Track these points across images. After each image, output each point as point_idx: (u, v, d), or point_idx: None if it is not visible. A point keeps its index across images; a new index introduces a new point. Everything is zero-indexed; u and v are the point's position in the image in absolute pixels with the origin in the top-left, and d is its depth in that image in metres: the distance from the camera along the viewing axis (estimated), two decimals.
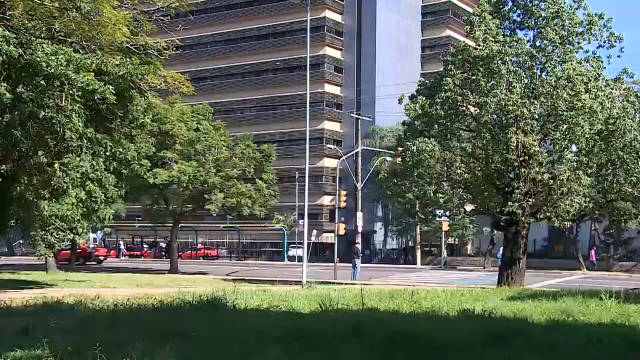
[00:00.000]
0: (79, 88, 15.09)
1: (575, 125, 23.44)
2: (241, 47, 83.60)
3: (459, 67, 26.01)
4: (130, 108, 18.85)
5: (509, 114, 24.30)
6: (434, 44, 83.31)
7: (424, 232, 63.68)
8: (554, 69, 24.59)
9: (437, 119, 26.03)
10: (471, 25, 26.11)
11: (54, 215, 16.87)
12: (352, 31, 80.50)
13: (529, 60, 24.93)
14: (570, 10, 25.10)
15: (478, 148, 26.06)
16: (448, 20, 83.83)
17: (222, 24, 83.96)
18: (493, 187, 26.31)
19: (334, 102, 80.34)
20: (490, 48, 24.62)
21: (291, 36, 78.02)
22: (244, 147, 44.77)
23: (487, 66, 24.90)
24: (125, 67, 16.39)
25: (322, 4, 76.90)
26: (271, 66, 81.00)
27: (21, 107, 14.97)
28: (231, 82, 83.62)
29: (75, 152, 16.15)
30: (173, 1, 20.41)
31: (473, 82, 25.53)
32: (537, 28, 25.56)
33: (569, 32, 24.85)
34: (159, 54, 21.25)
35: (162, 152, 40.74)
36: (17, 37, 14.59)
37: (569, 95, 23.54)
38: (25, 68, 14.71)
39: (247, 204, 43.45)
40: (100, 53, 16.43)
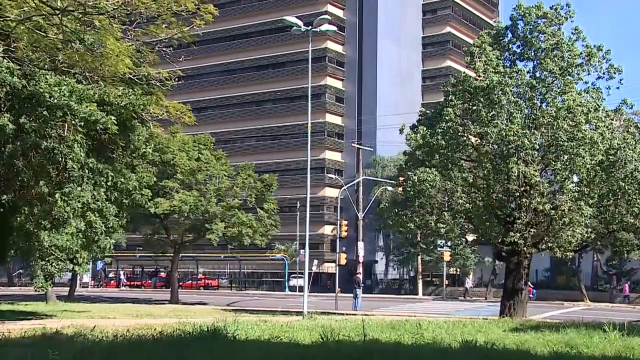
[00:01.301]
0: (82, 118, 15.16)
1: (576, 156, 23.48)
2: (242, 77, 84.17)
3: (459, 98, 26.14)
4: (132, 138, 18.91)
5: (510, 144, 24.34)
6: (434, 75, 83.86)
7: (426, 262, 63.42)
8: (554, 99, 24.72)
9: (438, 149, 26.07)
10: (471, 56, 26.30)
11: (54, 246, 16.83)
12: (353, 61, 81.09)
13: (529, 91, 25.06)
14: (569, 42, 25.30)
15: (479, 178, 26.07)
16: (448, 51, 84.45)
17: (224, 54, 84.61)
18: (494, 217, 26.26)
19: (335, 132, 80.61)
20: (491, 79, 24.77)
21: (292, 66, 78.57)
22: (245, 176, 44.83)
23: (487, 97, 25.02)
24: (128, 97, 16.49)
25: (324, 35, 77.60)
26: (272, 96, 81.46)
27: (24, 138, 15.04)
28: (232, 112, 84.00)
29: (77, 182, 16.17)
30: (175, 33, 20.58)
31: (474, 112, 25.64)
32: (536, 59, 25.74)
33: (568, 64, 25.03)
34: (161, 84, 21.40)
35: (164, 182, 40.79)
36: (21, 68, 14.71)
37: (570, 126, 23.62)
38: (29, 99, 14.81)
39: (248, 233, 43.37)
40: (103, 84, 16.54)
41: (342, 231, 43.69)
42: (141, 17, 17.44)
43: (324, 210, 77.21)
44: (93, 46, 14.00)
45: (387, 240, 72.49)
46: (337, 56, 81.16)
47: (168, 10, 17.78)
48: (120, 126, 16.85)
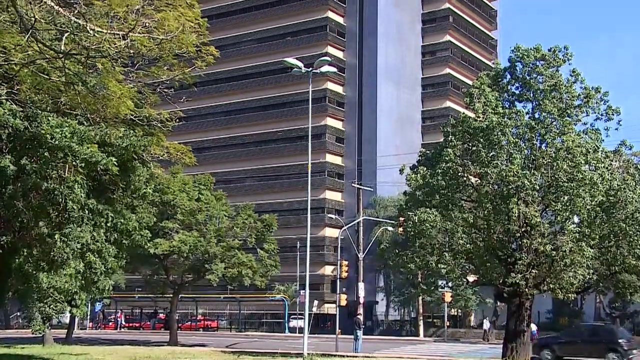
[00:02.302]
0: (82, 159, 15.21)
1: (576, 197, 23.48)
2: (243, 117, 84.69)
3: (459, 138, 26.25)
4: (132, 179, 18.93)
5: (509, 185, 24.36)
6: (434, 115, 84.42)
7: (427, 303, 62.92)
8: (553, 140, 24.83)
9: (438, 189, 26.10)
10: (471, 98, 26.51)
11: (53, 287, 16.73)
12: (353, 102, 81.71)
13: (528, 131, 25.19)
14: (567, 83, 25.53)
15: (480, 218, 26.03)
16: (448, 92, 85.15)
17: (225, 95, 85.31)
18: (495, 257, 26.14)
19: (336, 172, 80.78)
20: (490, 119, 24.91)
21: (292, 107, 79.14)
22: (245, 216, 44.79)
23: (487, 137, 25.14)
24: (129, 139, 16.57)
25: (324, 76, 78.33)
26: (273, 136, 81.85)
27: (24, 179, 15.07)
28: (233, 152, 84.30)
29: (77, 222, 16.14)
30: (177, 74, 20.78)
31: (473, 152, 25.73)
32: (535, 100, 25.93)
33: (567, 105, 25.22)
34: (162, 125, 21.52)
35: (164, 222, 40.72)
36: (23, 110, 14.83)
37: (569, 167, 23.68)
38: (30, 140, 14.89)
39: (248, 274, 43.16)
40: (105, 125, 16.64)
41: (342, 272, 43.45)
42: (143, 59, 17.64)
43: (324, 251, 76.92)
44: (95, 88, 14.12)
45: (388, 281, 72.05)
46: (337, 97, 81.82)
47: (170, 52, 17.99)
48: (121, 167, 16.89)
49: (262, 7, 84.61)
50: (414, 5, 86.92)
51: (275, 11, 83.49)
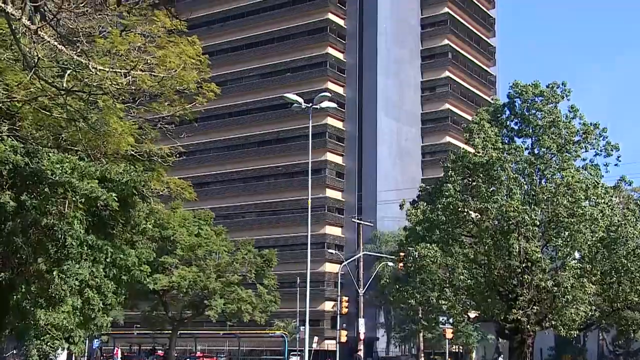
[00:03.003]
0: (82, 195, 15.21)
1: (577, 232, 23.46)
2: (243, 153, 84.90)
3: (459, 173, 26.33)
4: (132, 214, 18.89)
5: (510, 220, 24.36)
6: (434, 150, 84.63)
7: (428, 339, 62.34)
8: (553, 176, 24.91)
9: (438, 225, 26.09)
10: (470, 133, 26.65)
11: (50, 324, 16.59)
12: (353, 137, 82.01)
13: (528, 167, 25.27)
14: (566, 119, 25.72)
15: (480, 254, 25.96)
16: (447, 127, 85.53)
17: (225, 130, 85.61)
18: (496, 293, 26.00)
19: (336, 207, 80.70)
20: (490, 155, 25.01)
21: (293, 142, 79.34)
22: (245, 252, 44.63)
23: (487, 172, 25.22)
24: (129, 174, 16.59)
25: (324, 111, 78.79)
26: (273, 171, 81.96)
27: (24, 215, 15.06)
28: (233, 187, 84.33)
29: (75, 259, 16.07)
30: (178, 110, 20.90)
31: (473, 188, 25.78)
32: (534, 136, 26.08)
33: (566, 141, 25.35)
34: (162, 160, 21.57)
35: (163, 258, 40.54)
36: (24, 146, 14.88)
37: (569, 202, 23.71)
38: (31, 176, 14.91)
39: (247, 310, 42.84)
40: (105, 161, 16.68)
41: (342, 307, 43.16)
42: (144, 95, 17.76)
43: (324, 286, 76.46)
44: (96, 124, 14.20)
45: (389, 317, 71.49)
46: (337, 132, 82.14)
47: (171, 89, 18.11)
48: (121, 202, 16.88)
49: (263, 44, 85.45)
50: (413, 42, 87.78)
51: (276, 47, 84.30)
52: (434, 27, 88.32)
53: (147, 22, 18.20)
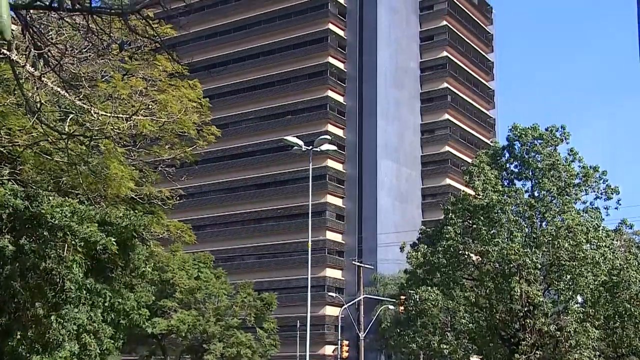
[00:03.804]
0: (82, 239, 15.16)
1: (579, 276, 23.34)
2: (243, 195, 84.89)
3: (459, 216, 26.33)
4: (131, 257, 18.80)
5: (511, 263, 24.26)
6: (434, 192, 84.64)
7: None
8: (553, 219, 24.89)
9: (439, 267, 25.97)
10: (470, 176, 26.71)
11: None
12: (353, 179, 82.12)
13: (528, 210, 25.28)
14: (565, 162, 25.82)
15: (481, 297, 25.78)
16: (447, 170, 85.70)
17: (225, 173, 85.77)
18: (498, 338, 25.74)
19: (336, 250, 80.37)
20: (490, 197, 25.04)
21: (293, 184, 79.42)
22: (245, 295, 44.31)
23: (487, 215, 25.21)
24: (129, 218, 16.57)
25: (324, 154, 79.10)
26: (273, 214, 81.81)
27: (23, 259, 14.99)
28: (233, 230, 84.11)
29: (74, 303, 15.94)
30: (178, 153, 20.98)
31: (474, 230, 25.75)
32: (534, 179, 26.14)
33: (566, 184, 25.40)
34: (162, 203, 21.57)
35: (162, 301, 40.23)
36: (25, 190, 14.89)
37: (570, 245, 23.64)
38: (30, 220, 14.89)
39: (247, 354, 42.33)
40: (105, 204, 16.68)
41: (343, 352, 42.66)
42: (145, 138, 17.85)
43: (324, 330, 75.65)
44: (97, 168, 14.24)
45: None
46: (337, 174, 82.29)
47: (172, 132, 18.21)
48: (121, 246, 16.82)
49: (264, 87, 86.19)
50: (412, 85, 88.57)
51: (276, 90, 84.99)
52: (433, 70, 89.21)
53: (148, 66, 18.41)
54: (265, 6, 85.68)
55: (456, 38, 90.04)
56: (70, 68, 12.63)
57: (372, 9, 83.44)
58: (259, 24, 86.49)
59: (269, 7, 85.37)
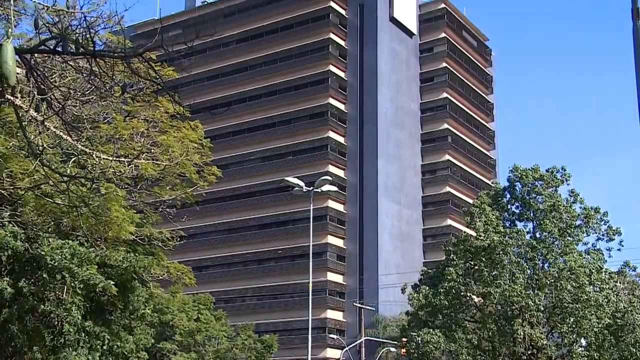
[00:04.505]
0: (81, 281, 15.08)
1: (582, 319, 23.11)
2: (244, 236, 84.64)
3: (461, 257, 26.22)
4: (131, 299, 18.67)
5: (513, 305, 24.06)
6: (435, 233, 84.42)
7: None
8: (555, 260, 24.77)
9: (441, 309, 25.75)
10: (471, 217, 26.68)
11: None
12: (354, 220, 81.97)
13: (530, 251, 25.18)
14: (567, 204, 25.81)
15: (484, 340, 25.50)
16: (448, 211, 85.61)
17: (226, 213, 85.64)
18: None
19: (337, 291, 79.80)
20: (492, 239, 24.97)
21: (294, 225, 79.26)
22: (245, 337, 43.86)
23: (489, 256, 25.11)
24: (129, 260, 16.50)
25: (325, 195, 79.15)
26: (274, 255, 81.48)
27: (21, 302, 14.88)
28: (234, 271, 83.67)
29: (72, 346, 15.77)
30: (179, 194, 20.99)
31: (476, 272, 25.62)
32: (536, 220, 26.10)
33: (567, 225, 25.35)
34: (163, 244, 21.51)
35: (161, 344, 39.77)
36: (25, 232, 14.86)
37: (573, 287, 23.48)
38: (29, 262, 14.82)
39: None
40: (105, 246, 16.62)
41: None
42: (146, 180, 17.88)
43: None
44: (98, 210, 14.22)
45: None
46: (338, 215, 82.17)
47: (173, 174, 18.26)
48: (120, 287, 16.72)
49: (265, 127, 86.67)
50: (413, 125, 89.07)
51: (277, 131, 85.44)
52: (433, 111, 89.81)
53: (150, 107, 18.55)
54: (266, 48, 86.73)
55: (456, 80, 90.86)
56: (72, 110, 12.73)
57: (372, 51, 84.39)
58: (261, 65, 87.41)
59: (271, 49, 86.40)
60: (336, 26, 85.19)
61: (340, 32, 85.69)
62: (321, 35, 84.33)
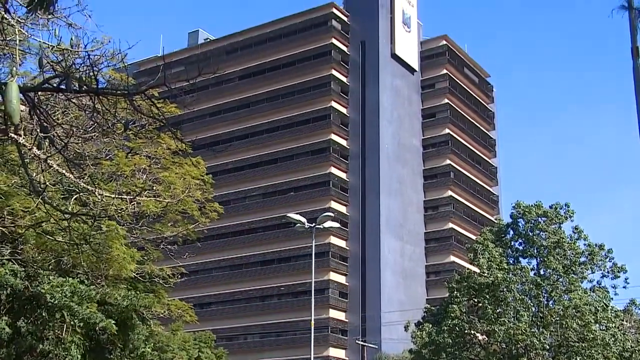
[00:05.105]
0: (81, 319, 14.90)
1: (589, 358, 22.80)
2: (245, 272, 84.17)
3: (464, 294, 25.99)
4: (131, 337, 18.44)
5: (518, 344, 23.76)
6: (438, 270, 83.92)
7: None
8: (560, 298, 24.53)
9: (444, 347, 25.43)
10: (475, 253, 26.52)
11: None
12: (356, 257, 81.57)
13: (534, 288, 24.95)
14: (571, 240, 25.67)
15: None
16: (451, 247, 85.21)
17: (227, 250, 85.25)
18: None
19: (339, 328, 79.03)
20: (495, 275, 24.77)
21: (296, 262, 78.92)
22: None
23: (493, 293, 24.88)
24: (129, 298, 16.34)
25: (327, 231, 78.89)
26: (276, 291, 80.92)
27: (19, 341, 14.67)
28: (235, 308, 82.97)
29: None
30: (181, 231, 20.90)
31: (479, 309, 25.36)
32: (539, 257, 25.93)
33: (571, 262, 25.17)
34: (164, 282, 21.35)
35: None
36: (25, 270, 14.74)
37: (579, 326, 23.19)
38: (29, 300, 14.67)
39: None
40: (106, 283, 16.48)
41: None
42: (147, 217, 17.80)
43: None
44: (99, 248, 14.13)
45: None
46: (340, 251, 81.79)
47: (174, 211, 18.19)
48: (120, 325, 16.52)
49: (267, 164, 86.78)
50: (415, 161, 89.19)
51: (279, 167, 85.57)
52: (435, 147, 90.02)
53: (152, 144, 18.55)
54: (268, 85, 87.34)
55: (458, 116, 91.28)
56: (75, 147, 12.71)
57: (374, 88, 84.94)
58: (263, 102, 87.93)
59: (273, 85, 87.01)
60: (338, 63, 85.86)
61: (342, 68, 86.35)
62: (323, 71, 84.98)
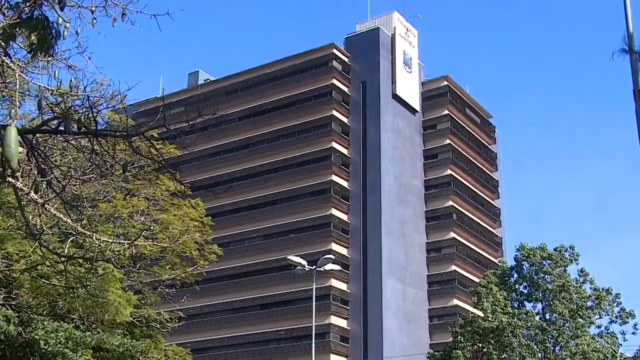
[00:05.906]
0: None
1: None
2: (245, 316, 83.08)
3: (468, 339, 25.48)
4: None
5: None
6: (441, 314, 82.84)
7: None
8: (567, 343, 24.02)
9: None
10: (478, 297, 26.10)
11: None
12: (357, 299, 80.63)
13: (540, 333, 24.46)
14: (576, 284, 25.24)
15: None
16: (454, 290, 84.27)
17: (226, 293, 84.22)
18: None
19: None
20: (500, 320, 24.31)
21: (296, 305, 77.97)
22: None
23: (497, 338, 24.39)
24: (125, 345, 15.93)
25: (328, 273, 78.15)
26: (275, 336, 79.79)
27: None
28: (234, 353, 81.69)
29: None
30: (179, 273, 20.54)
31: (484, 354, 24.83)
32: (545, 301, 25.48)
33: (578, 306, 24.72)
34: (161, 326, 20.89)
35: None
36: (19, 315, 14.38)
37: None
38: (22, 347, 14.27)
39: None
40: (102, 329, 16.09)
41: None
42: (145, 260, 17.47)
43: None
44: (95, 291, 13.79)
45: None
46: (341, 294, 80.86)
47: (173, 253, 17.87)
48: None
49: (267, 205, 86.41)
50: (417, 203, 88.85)
51: (279, 209, 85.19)
52: (437, 188, 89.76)
53: (151, 185, 18.33)
54: (268, 125, 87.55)
55: (460, 156, 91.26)
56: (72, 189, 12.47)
57: (375, 128, 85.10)
58: (262, 142, 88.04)
59: (273, 126, 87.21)
60: (339, 103, 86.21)
61: (343, 109, 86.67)
62: (324, 112, 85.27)
